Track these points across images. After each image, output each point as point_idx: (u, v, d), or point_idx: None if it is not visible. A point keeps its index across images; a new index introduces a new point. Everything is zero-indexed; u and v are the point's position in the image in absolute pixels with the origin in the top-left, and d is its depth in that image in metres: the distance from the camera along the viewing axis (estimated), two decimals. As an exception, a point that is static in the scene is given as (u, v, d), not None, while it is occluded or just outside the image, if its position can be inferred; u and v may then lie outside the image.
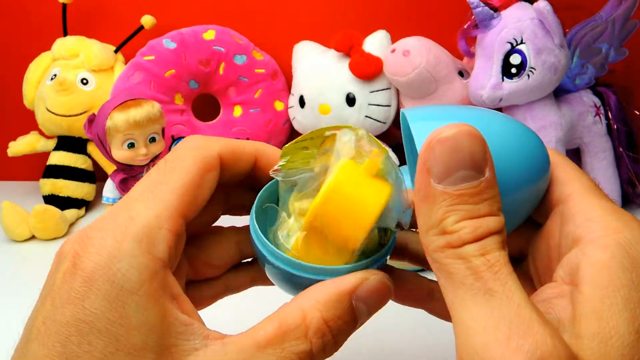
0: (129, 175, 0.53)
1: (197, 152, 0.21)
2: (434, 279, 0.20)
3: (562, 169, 0.20)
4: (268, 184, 0.24)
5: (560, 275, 0.18)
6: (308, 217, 0.20)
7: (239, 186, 0.25)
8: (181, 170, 0.20)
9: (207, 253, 0.24)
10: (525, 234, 0.22)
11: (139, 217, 0.18)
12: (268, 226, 0.23)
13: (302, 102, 0.68)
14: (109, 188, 0.54)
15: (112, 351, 0.16)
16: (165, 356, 0.17)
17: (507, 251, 0.16)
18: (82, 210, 0.67)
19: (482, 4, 0.56)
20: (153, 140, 0.52)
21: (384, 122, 0.66)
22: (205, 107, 0.74)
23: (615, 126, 0.62)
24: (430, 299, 0.25)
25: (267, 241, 0.21)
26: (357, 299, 0.19)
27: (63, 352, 0.16)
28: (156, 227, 0.18)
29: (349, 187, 0.20)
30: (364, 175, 0.20)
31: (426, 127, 0.17)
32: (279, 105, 0.73)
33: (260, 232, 0.22)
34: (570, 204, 0.19)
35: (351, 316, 0.19)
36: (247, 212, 0.24)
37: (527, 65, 0.55)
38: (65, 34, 0.71)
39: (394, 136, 0.72)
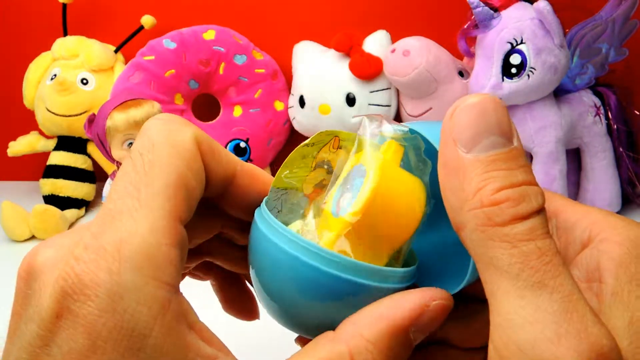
0: (129, 175, 0.53)
1: (172, 134, 0.17)
2: None
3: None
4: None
5: (576, 274, 0.17)
6: (356, 213, 0.17)
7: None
8: (162, 164, 0.16)
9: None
10: None
11: (131, 238, 0.14)
12: None
13: (302, 102, 0.68)
14: (109, 188, 0.54)
15: None
16: None
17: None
18: (82, 210, 0.67)
19: (482, 4, 0.56)
20: (153, 140, 0.52)
21: (384, 122, 0.66)
22: (205, 107, 0.74)
23: (615, 126, 0.62)
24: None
25: (297, 235, 0.17)
26: (417, 329, 0.16)
27: None
28: (154, 245, 0.15)
29: (392, 182, 0.18)
30: (396, 166, 0.18)
31: (435, 129, 0.16)
32: (279, 105, 0.73)
33: (280, 223, 0.17)
34: (565, 216, 0.18)
35: (406, 349, 0.16)
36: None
37: (527, 65, 0.55)
38: (65, 34, 0.71)
39: (394, 136, 0.72)
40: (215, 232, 0.21)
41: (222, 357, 0.15)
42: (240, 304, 0.24)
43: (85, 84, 0.67)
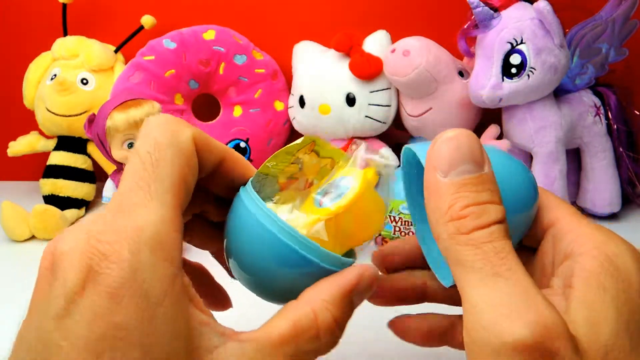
0: (129, 175, 0.53)
1: (174, 137, 0.20)
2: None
3: (548, 198, 0.22)
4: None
5: (557, 283, 0.20)
6: (340, 207, 0.22)
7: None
8: (167, 162, 0.19)
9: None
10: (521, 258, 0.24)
11: (147, 226, 0.17)
12: None
13: (302, 102, 0.68)
14: (109, 188, 0.54)
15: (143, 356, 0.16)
16: (193, 358, 0.17)
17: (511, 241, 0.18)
18: (82, 210, 0.67)
19: (482, 4, 0.56)
20: (153, 140, 0.52)
21: (384, 122, 0.66)
22: (205, 107, 0.74)
23: (615, 126, 0.62)
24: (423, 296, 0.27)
25: (278, 217, 0.21)
26: (355, 293, 0.20)
27: None
28: (165, 233, 0.18)
29: (366, 197, 0.23)
30: (372, 187, 0.23)
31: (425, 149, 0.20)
32: (279, 105, 0.73)
33: (264, 203, 0.21)
34: (559, 225, 0.21)
35: (351, 311, 0.20)
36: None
37: (527, 65, 0.55)
38: (65, 34, 0.71)
39: (394, 136, 0.72)
40: (197, 211, 0.25)
41: (212, 322, 0.18)
42: (211, 297, 0.27)
43: (85, 84, 0.67)
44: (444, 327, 0.26)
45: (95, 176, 0.70)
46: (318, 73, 0.67)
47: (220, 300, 0.28)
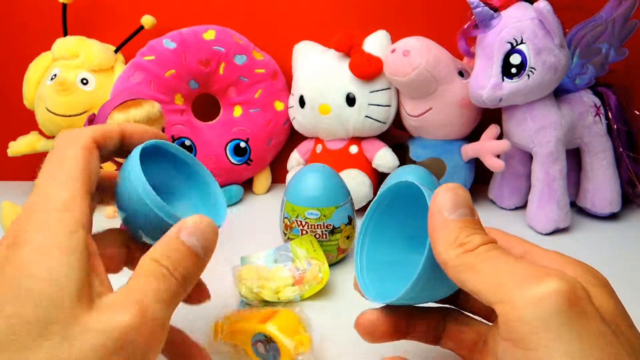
0: (129, 175, 0.53)
1: (74, 140, 0.26)
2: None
3: (511, 239, 0.27)
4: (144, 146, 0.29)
5: None
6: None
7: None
8: (68, 157, 0.25)
9: (102, 244, 0.28)
10: None
11: (51, 199, 0.23)
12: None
13: (302, 102, 0.68)
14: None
15: (37, 296, 0.20)
16: (85, 301, 0.21)
17: None
18: (82, 210, 0.67)
19: (482, 4, 0.56)
20: (153, 140, 0.52)
21: (384, 122, 0.66)
22: (205, 107, 0.74)
23: (615, 126, 0.62)
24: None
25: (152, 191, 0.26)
26: (186, 236, 0.24)
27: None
28: (67, 200, 0.23)
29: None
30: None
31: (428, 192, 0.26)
32: (279, 105, 0.73)
33: (144, 178, 0.27)
34: (532, 255, 0.26)
35: (187, 250, 0.24)
36: None
37: (527, 65, 0.55)
38: (65, 34, 0.71)
39: (394, 136, 0.72)
40: (121, 244, 0.31)
41: (103, 275, 0.23)
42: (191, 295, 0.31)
43: (85, 84, 0.67)
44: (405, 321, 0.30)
45: (95, 176, 0.70)
46: (318, 73, 0.67)
47: (201, 292, 0.32)
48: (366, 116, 0.65)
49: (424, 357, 0.35)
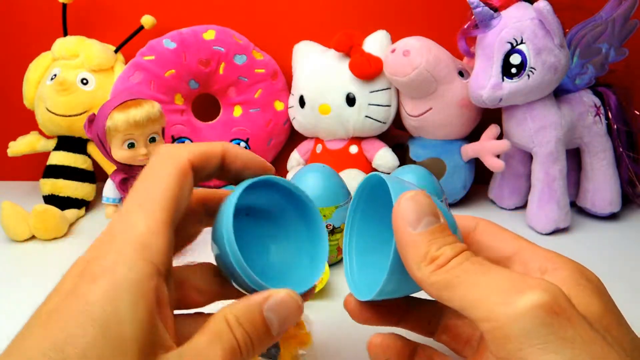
0: (129, 175, 0.53)
1: (170, 161, 0.24)
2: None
3: (503, 233, 0.27)
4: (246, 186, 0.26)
5: None
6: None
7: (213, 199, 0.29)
8: (159, 182, 0.23)
9: (193, 277, 0.27)
10: None
11: (133, 229, 0.21)
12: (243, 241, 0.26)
13: (302, 102, 0.68)
14: (109, 188, 0.54)
15: (101, 338, 0.19)
16: (147, 353, 0.20)
17: None
18: (82, 210, 0.67)
19: (482, 4, 0.56)
20: (153, 140, 0.52)
21: (384, 122, 0.66)
22: (205, 107, 0.74)
23: (615, 126, 0.62)
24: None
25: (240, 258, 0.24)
26: (267, 310, 0.23)
27: (60, 336, 0.18)
28: (148, 234, 0.21)
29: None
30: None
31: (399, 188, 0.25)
32: (279, 105, 0.73)
33: (234, 240, 0.24)
34: (524, 252, 0.25)
35: (263, 323, 0.23)
36: None
37: (527, 65, 0.55)
38: (65, 34, 0.71)
39: (394, 136, 0.72)
40: (194, 239, 0.29)
41: (169, 329, 0.21)
42: None
43: (85, 84, 0.67)
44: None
45: (95, 176, 0.70)
46: (318, 73, 0.67)
47: None
48: (366, 116, 0.65)
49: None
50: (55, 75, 0.66)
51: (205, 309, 0.27)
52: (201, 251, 0.29)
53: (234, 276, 0.25)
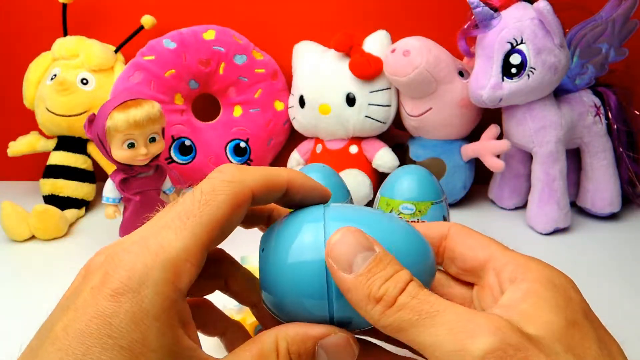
0: (129, 175, 0.53)
1: (232, 186, 0.22)
2: None
3: (477, 238, 0.26)
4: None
5: (507, 302, 0.22)
6: None
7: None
8: (215, 205, 0.21)
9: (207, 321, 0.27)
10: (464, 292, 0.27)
11: (169, 247, 0.20)
12: None
13: (302, 102, 0.68)
14: (109, 188, 0.54)
15: None
16: None
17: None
18: (82, 210, 0.67)
19: (482, 4, 0.56)
20: (153, 140, 0.52)
21: (384, 122, 0.66)
22: (205, 107, 0.74)
23: (615, 126, 0.62)
24: None
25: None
26: (321, 346, 0.22)
27: (82, 359, 0.17)
28: (183, 259, 0.20)
29: None
30: None
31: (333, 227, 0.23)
32: (279, 105, 0.73)
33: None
34: (497, 259, 0.24)
35: (312, 358, 0.22)
36: None
37: (527, 65, 0.55)
38: (65, 34, 0.71)
39: (394, 136, 0.72)
40: (217, 288, 0.28)
41: (199, 350, 0.20)
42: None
43: (85, 84, 0.67)
44: None
45: (95, 176, 0.70)
46: (318, 73, 0.67)
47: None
48: (366, 116, 0.65)
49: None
50: (55, 75, 0.66)
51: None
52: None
53: (302, 305, 0.23)
